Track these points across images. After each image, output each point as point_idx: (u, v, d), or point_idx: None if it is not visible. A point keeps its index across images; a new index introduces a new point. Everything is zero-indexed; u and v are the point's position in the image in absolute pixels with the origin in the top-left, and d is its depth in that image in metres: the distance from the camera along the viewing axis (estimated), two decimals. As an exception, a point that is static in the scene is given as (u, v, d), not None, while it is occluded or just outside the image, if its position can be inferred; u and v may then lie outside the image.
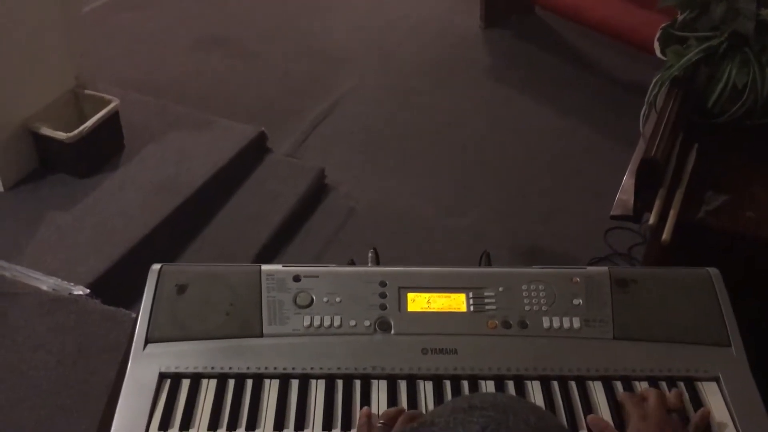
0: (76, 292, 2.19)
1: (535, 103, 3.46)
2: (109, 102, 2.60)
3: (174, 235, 2.50)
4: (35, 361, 2.04)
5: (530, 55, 3.79)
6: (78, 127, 2.48)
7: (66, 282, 2.21)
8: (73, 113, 2.65)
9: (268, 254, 2.53)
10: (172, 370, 1.16)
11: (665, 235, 1.47)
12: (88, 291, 2.20)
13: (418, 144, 3.19)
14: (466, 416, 0.63)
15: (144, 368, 1.16)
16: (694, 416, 1.11)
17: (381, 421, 1.05)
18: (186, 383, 1.16)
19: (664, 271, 1.29)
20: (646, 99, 1.83)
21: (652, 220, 1.51)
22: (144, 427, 1.09)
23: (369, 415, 1.07)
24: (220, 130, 2.88)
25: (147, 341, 1.19)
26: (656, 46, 1.89)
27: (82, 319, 2.14)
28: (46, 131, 2.48)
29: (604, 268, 1.29)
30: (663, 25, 1.87)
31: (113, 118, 2.63)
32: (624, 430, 1.09)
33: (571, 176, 3.03)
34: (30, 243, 2.34)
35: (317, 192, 2.85)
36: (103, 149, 2.63)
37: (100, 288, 2.23)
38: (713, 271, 1.28)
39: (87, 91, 2.67)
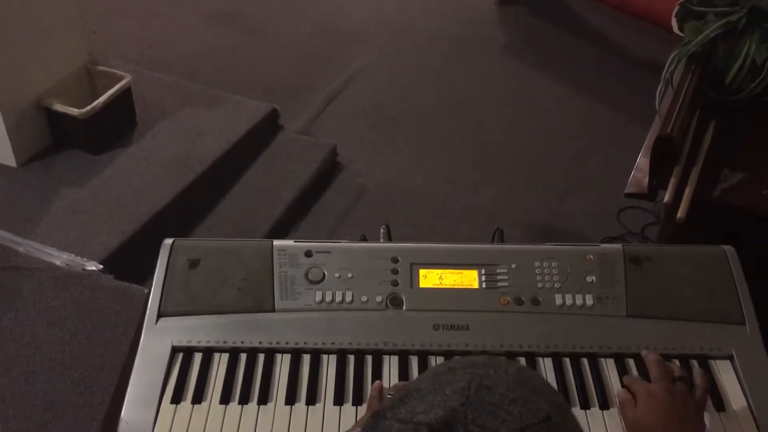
0: (89, 268, 2.20)
1: (550, 81, 3.43)
2: (121, 78, 2.60)
3: (186, 211, 2.50)
4: (50, 335, 2.06)
5: (545, 32, 3.75)
6: (91, 103, 2.48)
7: (79, 257, 2.22)
8: (86, 89, 2.65)
9: (280, 231, 2.53)
10: (185, 343, 1.17)
11: (680, 213, 1.46)
12: (101, 267, 2.21)
13: (431, 122, 3.17)
14: (450, 376, 0.66)
15: (157, 342, 1.17)
16: (697, 379, 1.09)
17: (391, 393, 1.06)
18: (198, 357, 1.16)
19: (679, 249, 1.28)
20: (662, 76, 1.81)
21: (667, 197, 1.49)
22: (157, 400, 1.10)
23: (381, 389, 1.07)
24: (233, 106, 2.87)
25: (159, 315, 1.19)
26: (674, 22, 1.86)
27: (95, 295, 2.15)
28: (59, 107, 2.48)
29: (618, 246, 1.28)
30: (681, 0, 1.84)
31: (126, 94, 2.62)
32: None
33: (585, 155, 3.01)
34: (43, 219, 2.35)
35: (329, 169, 2.85)
36: (115, 125, 2.63)
37: (113, 264, 2.24)
38: (728, 248, 1.27)
39: (99, 68, 2.66)
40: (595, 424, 1.10)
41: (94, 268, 2.20)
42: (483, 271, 1.25)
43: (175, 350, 1.16)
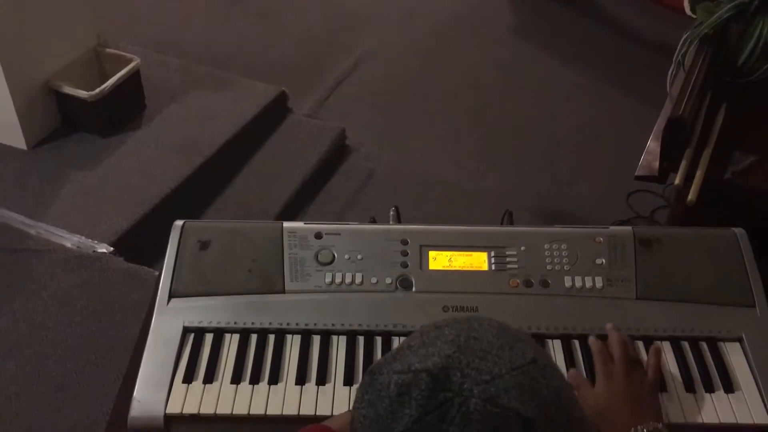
0: (99, 250, 2.22)
1: (559, 64, 3.41)
2: (130, 61, 2.60)
3: (196, 194, 2.51)
4: (61, 316, 2.07)
5: (554, 14, 3.72)
6: (100, 86, 2.48)
7: (90, 240, 2.24)
8: (95, 72, 2.66)
9: (289, 214, 2.53)
10: (196, 324, 1.18)
11: (691, 195, 1.45)
12: (111, 249, 2.22)
13: (439, 104, 3.16)
14: (438, 332, 0.70)
15: (168, 322, 1.18)
16: (648, 359, 1.11)
17: None
18: (209, 337, 1.17)
19: (689, 231, 1.28)
20: (674, 58, 1.80)
21: (678, 180, 1.49)
22: (169, 380, 1.11)
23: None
24: (241, 89, 2.87)
25: (171, 296, 1.20)
26: (686, 3, 1.84)
27: (106, 277, 2.17)
28: (68, 90, 2.48)
29: (627, 228, 1.28)
30: (693, -19, 1.82)
31: (134, 76, 2.62)
32: None
33: (595, 138, 2.99)
34: (53, 201, 2.36)
35: (338, 153, 2.84)
36: (124, 108, 2.63)
37: (123, 246, 2.25)
38: (739, 231, 1.26)
39: (108, 50, 2.66)
40: (604, 406, 1.10)
41: (104, 250, 2.22)
42: (492, 254, 1.25)
43: (186, 330, 1.17)
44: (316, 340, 1.17)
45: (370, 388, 0.68)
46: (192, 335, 1.17)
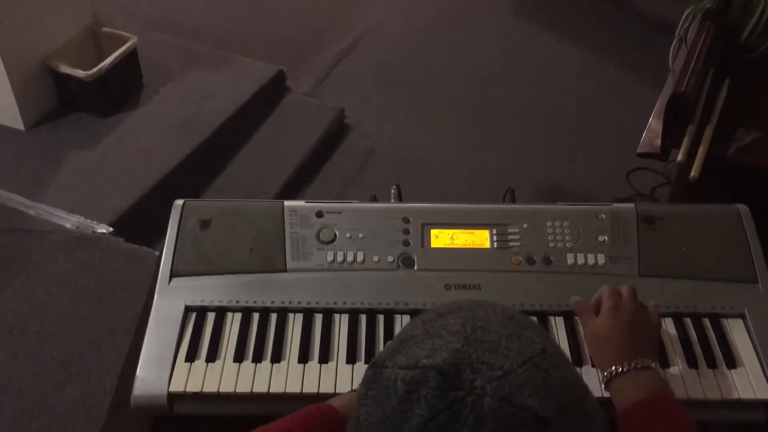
0: (99, 230, 2.21)
1: (560, 40, 3.38)
2: (127, 39, 2.58)
3: (195, 174, 2.50)
4: (61, 297, 2.07)
5: (555, -9, 3.69)
6: (97, 65, 2.46)
7: (89, 220, 2.23)
8: (92, 51, 2.63)
9: (288, 193, 2.52)
10: (198, 303, 1.17)
11: (694, 171, 1.45)
12: (111, 229, 2.22)
13: (439, 83, 3.14)
14: (441, 321, 0.67)
15: (170, 302, 1.17)
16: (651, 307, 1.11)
17: None
18: (211, 316, 1.17)
19: (692, 208, 1.27)
20: (676, 33, 1.78)
21: (680, 156, 1.48)
22: (171, 359, 1.11)
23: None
24: (239, 68, 2.85)
25: (172, 275, 1.20)
26: (688, -23, 1.82)
27: (106, 257, 2.16)
28: (65, 69, 2.46)
29: (630, 205, 1.27)
30: (696, -45, 1.80)
31: (131, 56, 2.60)
32: None
33: (595, 115, 2.98)
34: (52, 182, 2.35)
35: (337, 132, 2.83)
36: (122, 88, 2.61)
37: (122, 226, 2.24)
38: (742, 207, 1.26)
39: (105, 29, 2.64)
40: (607, 382, 1.10)
41: (104, 230, 2.21)
42: (494, 231, 1.24)
43: (188, 309, 1.17)
44: (318, 318, 1.17)
45: (375, 383, 0.65)
46: (194, 314, 1.17)
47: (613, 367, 0.98)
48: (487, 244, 1.23)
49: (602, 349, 1.03)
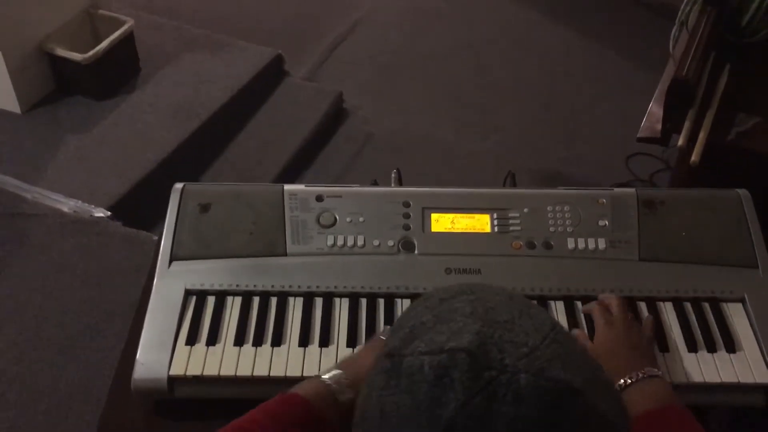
0: (97, 215, 2.20)
1: (559, 24, 3.37)
2: (123, 23, 2.56)
3: (193, 157, 2.49)
4: (60, 281, 2.07)
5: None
6: (93, 48, 2.45)
7: (86, 204, 2.22)
8: (88, 34, 2.61)
9: (287, 178, 2.52)
10: (198, 287, 1.17)
11: (694, 156, 1.45)
12: (109, 213, 2.21)
13: (438, 67, 3.12)
14: (448, 305, 0.66)
15: (170, 285, 1.17)
16: (645, 318, 1.14)
17: (383, 336, 1.06)
18: (211, 300, 1.17)
19: (693, 193, 1.27)
20: (677, 18, 1.77)
21: (681, 141, 1.48)
22: (171, 342, 1.11)
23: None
24: (237, 52, 2.83)
25: (172, 259, 1.19)
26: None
27: (104, 241, 2.16)
28: (62, 52, 2.44)
29: (631, 190, 1.27)
30: (698, -62, 1.78)
31: (128, 39, 2.58)
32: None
33: (595, 100, 2.97)
34: (49, 165, 2.34)
35: (335, 116, 2.82)
36: (119, 71, 2.60)
37: (120, 210, 2.23)
38: (743, 192, 1.26)
39: (101, 12, 2.62)
40: (607, 366, 1.10)
41: (101, 214, 2.20)
42: (495, 215, 1.24)
43: (188, 293, 1.17)
44: (319, 302, 1.17)
45: (396, 372, 0.63)
46: (194, 298, 1.17)
47: (622, 380, 0.99)
48: (487, 229, 1.23)
49: (608, 365, 1.02)
